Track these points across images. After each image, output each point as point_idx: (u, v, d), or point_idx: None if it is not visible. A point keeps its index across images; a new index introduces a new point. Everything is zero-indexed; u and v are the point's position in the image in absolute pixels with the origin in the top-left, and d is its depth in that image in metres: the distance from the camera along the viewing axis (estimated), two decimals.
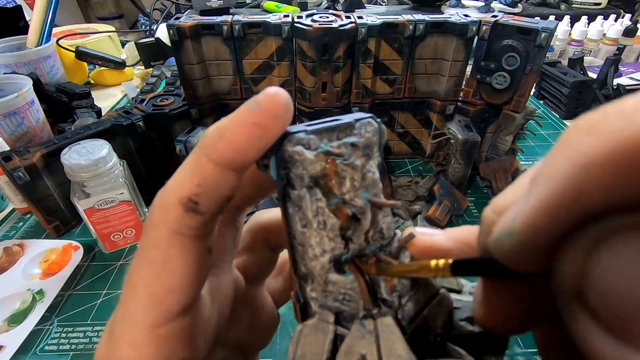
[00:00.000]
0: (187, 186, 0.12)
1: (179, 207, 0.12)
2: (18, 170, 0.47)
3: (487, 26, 0.51)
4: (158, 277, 0.13)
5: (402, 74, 0.58)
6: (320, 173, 0.13)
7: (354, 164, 0.13)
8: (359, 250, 0.14)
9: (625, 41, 1.02)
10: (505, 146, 0.59)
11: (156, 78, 0.85)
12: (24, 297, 0.45)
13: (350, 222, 0.13)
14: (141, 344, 0.13)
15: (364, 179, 0.14)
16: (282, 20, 0.52)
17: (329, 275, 0.14)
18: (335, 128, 0.13)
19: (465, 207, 0.56)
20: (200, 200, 0.12)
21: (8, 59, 0.76)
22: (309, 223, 0.13)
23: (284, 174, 0.13)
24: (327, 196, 0.13)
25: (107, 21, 1.35)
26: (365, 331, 0.13)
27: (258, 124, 0.12)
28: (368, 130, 0.14)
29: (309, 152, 0.13)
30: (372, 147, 0.14)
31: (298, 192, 0.13)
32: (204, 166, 0.12)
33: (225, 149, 0.12)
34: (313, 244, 0.13)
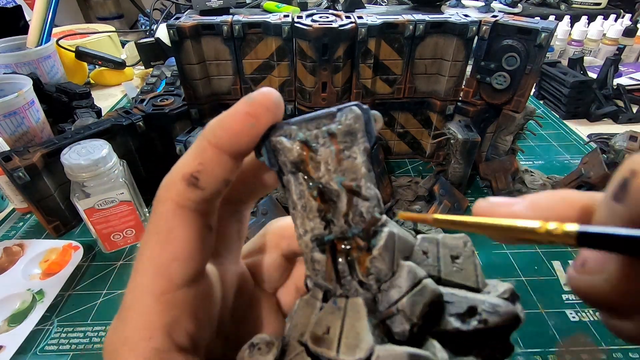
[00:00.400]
0: (190, 164, 0.14)
1: (182, 182, 0.14)
2: (18, 170, 0.47)
3: (487, 26, 0.51)
4: (162, 246, 0.14)
5: (402, 74, 0.58)
6: (298, 159, 0.14)
7: (328, 149, 0.14)
8: (342, 232, 0.15)
9: (625, 41, 1.02)
10: (505, 146, 0.59)
11: (156, 78, 0.85)
12: (24, 297, 0.45)
13: (327, 204, 0.15)
14: (148, 311, 0.14)
15: (340, 163, 0.14)
16: (282, 20, 0.52)
17: (313, 254, 0.15)
18: (315, 118, 0.15)
19: (465, 207, 0.56)
20: (200, 177, 0.14)
21: (8, 59, 0.76)
22: (295, 205, 0.15)
23: (274, 161, 0.15)
24: (307, 180, 0.15)
25: (107, 21, 1.35)
26: (336, 308, 0.14)
27: (251, 114, 0.14)
28: (349, 117, 0.14)
29: (287, 141, 0.14)
30: (355, 133, 0.14)
31: (286, 177, 0.15)
32: (205, 148, 0.14)
33: (222, 134, 0.14)
34: (298, 224, 0.15)
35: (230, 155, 0.14)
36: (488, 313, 0.13)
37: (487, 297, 0.14)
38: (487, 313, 0.13)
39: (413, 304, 0.13)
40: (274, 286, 0.21)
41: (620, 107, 0.81)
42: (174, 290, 0.14)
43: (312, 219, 0.15)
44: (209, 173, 0.14)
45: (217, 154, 0.14)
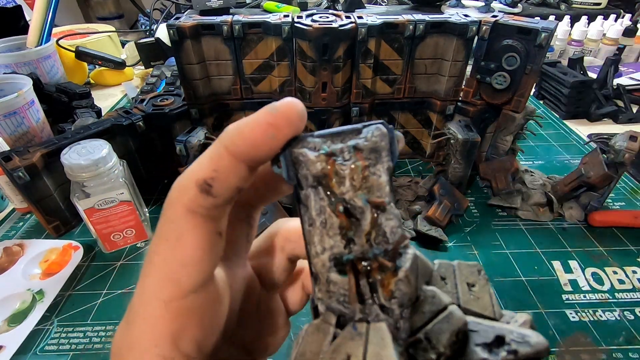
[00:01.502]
0: (204, 170, 0.14)
1: (195, 187, 0.14)
2: (18, 170, 0.47)
3: (487, 26, 0.51)
4: (172, 252, 0.14)
5: (402, 74, 0.58)
6: (321, 173, 0.14)
7: (354, 164, 0.14)
8: (362, 252, 0.14)
9: (625, 41, 1.02)
10: (505, 146, 0.59)
11: (156, 78, 0.85)
12: (24, 297, 0.45)
13: (349, 221, 0.14)
14: (155, 318, 0.13)
15: (366, 180, 0.14)
16: (282, 20, 0.52)
17: (330, 275, 0.14)
18: (341, 133, 0.14)
19: (465, 207, 0.56)
20: (214, 184, 0.14)
21: (8, 59, 0.77)
22: (313, 221, 0.14)
23: (293, 174, 0.14)
24: (329, 196, 0.14)
25: (107, 21, 1.35)
26: (356, 333, 0.13)
27: (273, 125, 0.13)
28: (375, 134, 0.14)
29: (311, 153, 0.14)
30: (380, 151, 0.14)
31: (305, 192, 0.14)
32: (222, 155, 0.14)
33: (241, 142, 0.14)
34: (315, 242, 0.14)
35: (248, 164, 0.14)
36: (517, 343, 0.12)
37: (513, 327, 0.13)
38: (516, 343, 0.12)
39: (439, 332, 0.13)
40: (278, 287, 0.20)
41: (620, 107, 0.81)
42: (182, 297, 0.14)
43: (332, 236, 0.14)
44: (223, 181, 0.14)
45: (233, 163, 0.14)
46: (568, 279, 0.47)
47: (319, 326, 0.14)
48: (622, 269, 0.48)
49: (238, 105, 0.61)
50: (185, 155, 0.50)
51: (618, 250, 0.51)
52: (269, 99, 0.61)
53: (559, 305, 0.45)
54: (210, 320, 0.15)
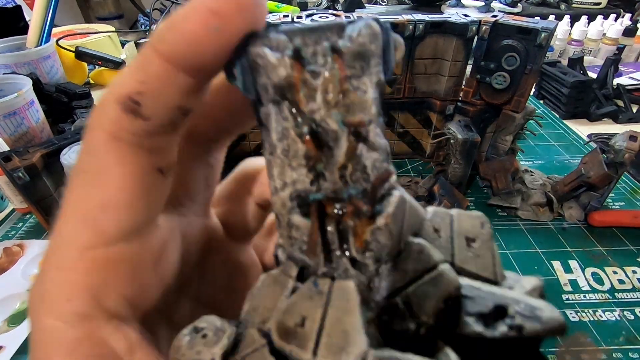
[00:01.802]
0: (128, 82, 0.10)
1: (116, 106, 0.10)
2: (18, 170, 0.47)
3: (487, 26, 0.51)
4: (90, 190, 0.11)
5: (402, 74, 0.58)
6: (285, 82, 0.10)
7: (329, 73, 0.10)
8: (334, 191, 0.10)
9: (625, 41, 1.02)
10: (505, 146, 0.59)
11: None
12: (24, 298, 0.45)
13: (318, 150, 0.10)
14: (69, 267, 0.11)
15: (345, 95, 0.10)
16: (281, 20, 0.52)
17: (292, 217, 0.11)
18: (318, 29, 0.10)
19: (465, 207, 0.56)
20: (142, 101, 0.10)
21: (8, 59, 0.76)
22: (273, 149, 0.11)
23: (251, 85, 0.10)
24: (294, 114, 0.10)
25: (107, 21, 1.35)
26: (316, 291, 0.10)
27: (216, 12, 0.09)
28: (363, 34, 0.10)
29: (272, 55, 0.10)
30: (368, 57, 0.10)
31: (265, 109, 0.11)
32: (150, 60, 0.10)
33: (175, 39, 0.10)
34: (275, 174, 0.11)
35: (188, 72, 0.10)
36: (524, 317, 0.10)
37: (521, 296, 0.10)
38: (522, 317, 0.10)
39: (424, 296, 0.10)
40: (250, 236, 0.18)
41: (620, 107, 0.81)
42: (104, 245, 0.11)
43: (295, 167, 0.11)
44: (155, 96, 0.10)
45: (167, 69, 0.10)
46: (568, 279, 0.47)
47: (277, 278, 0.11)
48: (622, 268, 0.48)
49: None
50: None
51: (618, 250, 0.51)
52: None
53: (559, 305, 0.45)
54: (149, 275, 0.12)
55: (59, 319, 0.10)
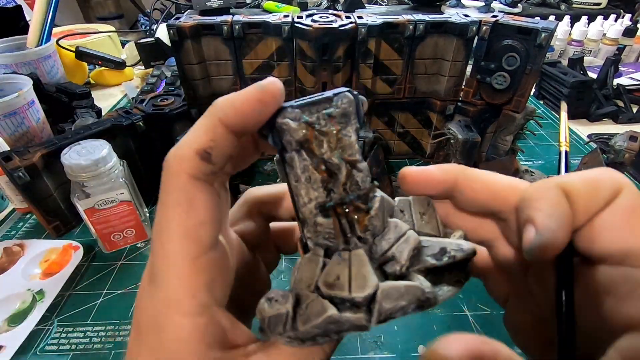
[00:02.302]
0: (203, 140, 0.15)
1: (196, 156, 0.15)
2: (18, 170, 0.47)
3: (487, 26, 0.51)
4: (187, 214, 0.15)
5: (402, 74, 0.58)
6: (303, 138, 0.16)
7: (328, 130, 0.17)
8: (340, 199, 0.17)
9: (625, 41, 1.02)
10: (505, 146, 0.59)
11: (156, 78, 0.85)
12: (24, 297, 0.45)
13: (329, 176, 0.17)
14: (186, 275, 0.15)
15: (340, 141, 0.17)
16: (282, 20, 0.52)
17: (316, 219, 0.17)
18: (316, 102, 0.17)
19: None
20: (213, 152, 0.15)
21: (8, 59, 0.77)
22: (299, 178, 0.17)
23: (278, 140, 0.16)
24: (310, 156, 0.17)
25: (107, 21, 1.35)
26: (341, 259, 0.16)
27: (262, 101, 0.15)
28: (344, 102, 0.17)
29: (293, 123, 0.16)
30: (349, 115, 0.17)
31: (289, 155, 0.17)
32: (217, 126, 0.15)
33: (234, 115, 0.15)
34: (302, 194, 0.17)
35: (237, 134, 0.16)
36: (455, 251, 0.17)
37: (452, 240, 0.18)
38: (454, 251, 0.17)
39: (401, 250, 0.17)
40: (259, 247, 0.22)
41: (620, 107, 0.81)
42: (205, 253, 0.15)
43: (316, 189, 0.17)
44: (220, 149, 0.15)
45: (226, 132, 0.15)
46: None
47: (311, 258, 0.17)
48: None
49: None
50: None
51: None
52: None
53: None
54: (226, 274, 0.17)
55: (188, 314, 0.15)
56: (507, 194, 0.17)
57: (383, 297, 0.15)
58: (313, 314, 0.15)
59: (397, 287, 0.15)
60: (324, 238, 0.17)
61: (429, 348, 0.14)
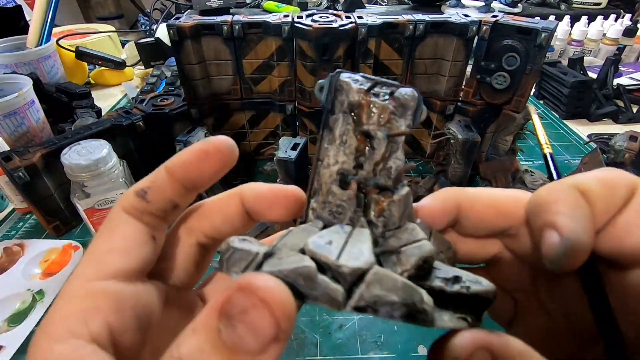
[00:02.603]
0: (144, 182, 0.16)
1: (132, 192, 0.16)
2: (18, 170, 0.47)
3: (487, 26, 0.51)
4: (102, 241, 0.16)
5: (402, 74, 0.58)
6: (356, 102, 0.16)
7: (385, 105, 0.16)
8: (365, 177, 0.16)
9: (625, 41, 1.02)
10: (505, 146, 0.59)
11: (156, 78, 0.85)
12: (24, 297, 0.45)
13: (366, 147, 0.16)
14: (71, 295, 0.14)
15: (390, 122, 0.16)
16: (282, 20, 0.52)
17: (332, 186, 0.16)
18: (383, 82, 0.16)
19: None
20: (148, 191, 0.16)
21: (8, 59, 0.76)
22: (334, 140, 0.16)
23: (330, 99, 0.16)
24: (356, 122, 0.16)
25: (107, 21, 1.35)
26: (342, 230, 0.15)
27: (203, 150, 0.16)
28: (408, 94, 0.16)
29: (354, 84, 0.16)
30: (407, 108, 0.16)
31: (335, 116, 0.16)
32: (160, 172, 0.16)
33: (177, 162, 0.16)
34: (330, 155, 0.16)
35: (181, 183, 0.16)
36: (471, 282, 0.14)
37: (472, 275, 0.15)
38: (470, 282, 0.14)
39: (411, 254, 0.14)
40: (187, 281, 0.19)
41: (620, 107, 0.81)
42: (103, 278, 0.14)
43: (347, 154, 0.16)
44: (156, 190, 0.16)
45: (168, 177, 0.16)
46: None
47: (306, 228, 0.16)
48: None
49: (238, 105, 0.61)
50: None
51: None
52: (269, 99, 0.61)
53: None
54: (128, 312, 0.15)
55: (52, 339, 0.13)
56: (513, 208, 0.16)
57: (374, 280, 0.13)
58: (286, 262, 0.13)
59: (394, 278, 0.13)
60: (330, 212, 0.16)
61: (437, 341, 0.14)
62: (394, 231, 0.16)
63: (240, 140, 0.66)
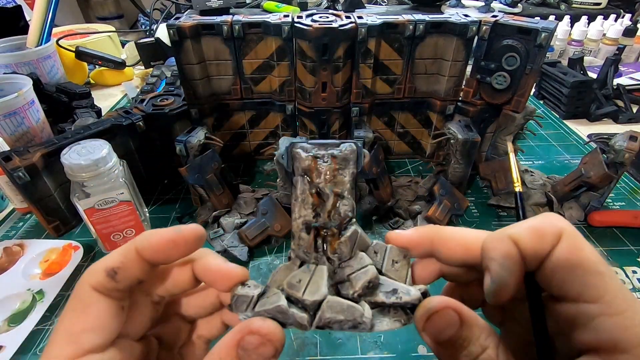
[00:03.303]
0: (115, 260, 0.18)
1: (103, 272, 0.18)
2: (18, 170, 0.47)
3: (487, 26, 0.51)
4: (76, 320, 0.17)
5: (402, 74, 0.58)
6: (307, 167, 0.21)
7: (328, 166, 0.21)
8: (323, 223, 0.21)
9: (625, 41, 1.02)
10: (505, 146, 0.59)
11: (156, 78, 0.85)
12: (24, 297, 0.45)
13: (318, 201, 0.21)
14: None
15: (335, 177, 0.21)
16: (282, 20, 0.52)
17: (301, 233, 0.21)
18: (327, 144, 0.21)
19: (465, 207, 0.56)
20: (119, 272, 0.18)
21: (8, 59, 0.76)
22: (297, 198, 0.21)
23: (290, 164, 0.21)
24: (309, 182, 0.21)
25: (107, 21, 1.35)
26: (308, 269, 0.20)
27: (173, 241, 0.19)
28: (348, 149, 0.21)
29: (303, 153, 0.21)
30: (349, 161, 0.21)
31: (296, 178, 0.21)
32: (130, 250, 0.19)
33: (147, 247, 0.18)
34: (296, 211, 0.21)
35: (148, 262, 0.19)
36: (404, 293, 0.20)
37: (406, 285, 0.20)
38: (403, 294, 0.20)
39: (358, 278, 0.20)
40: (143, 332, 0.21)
41: (620, 107, 0.81)
42: (80, 356, 0.17)
43: (306, 209, 0.21)
44: (126, 270, 0.18)
45: (137, 259, 0.18)
46: None
47: (288, 266, 0.21)
48: (622, 269, 0.48)
49: (238, 105, 0.61)
50: (185, 155, 0.50)
51: (618, 250, 0.51)
52: (269, 99, 0.61)
53: None
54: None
55: None
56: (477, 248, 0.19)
57: (327, 307, 0.19)
58: (269, 302, 0.19)
59: (340, 303, 0.19)
60: (303, 252, 0.21)
61: None
62: (348, 261, 0.21)
63: (240, 140, 0.66)
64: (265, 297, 0.20)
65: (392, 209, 0.56)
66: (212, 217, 0.53)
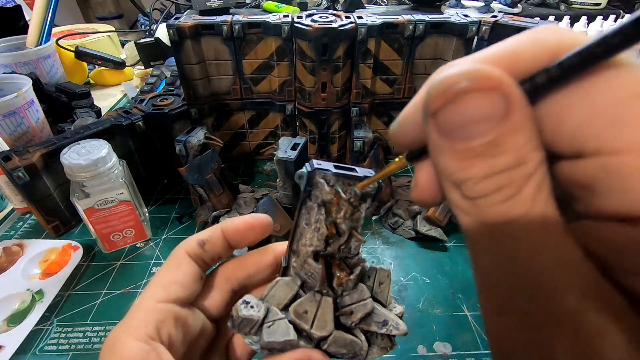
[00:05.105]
0: (205, 234, 0.23)
1: (195, 241, 0.23)
2: (18, 170, 0.47)
3: (486, 26, 0.51)
4: (170, 274, 0.22)
5: (402, 74, 0.58)
6: (328, 200, 0.20)
7: (351, 204, 0.20)
8: (332, 253, 0.21)
9: None
10: None
11: (156, 78, 0.85)
12: (23, 297, 0.45)
13: (334, 235, 0.21)
14: (148, 309, 0.20)
15: (353, 214, 0.21)
16: (282, 20, 0.52)
17: (308, 259, 0.21)
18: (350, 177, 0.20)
19: None
20: (206, 243, 0.23)
21: (8, 59, 0.76)
22: (310, 224, 0.21)
23: (308, 190, 0.20)
24: (327, 214, 0.21)
25: (107, 21, 1.35)
26: (314, 299, 0.21)
27: (251, 224, 0.23)
28: (371, 186, 0.20)
29: (327, 186, 0.20)
30: (368, 197, 0.21)
31: (311, 204, 0.21)
32: (216, 230, 0.23)
33: (231, 226, 0.23)
34: (307, 237, 0.21)
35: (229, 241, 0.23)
36: (393, 326, 0.22)
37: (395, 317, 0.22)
38: (393, 327, 0.22)
39: (358, 310, 0.21)
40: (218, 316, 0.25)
41: None
42: (168, 301, 0.21)
43: (319, 239, 0.21)
44: (211, 243, 0.23)
45: (221, 236, 0.23)
46: None
47: (288, 283, 0.22)
48: None
49: (238, 105, 0.61)
50: (184, 155, 0.50)
51: None
52: (269, 99, 0.61)
53: None
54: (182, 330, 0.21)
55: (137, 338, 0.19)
56: None
57: (332, 341, 0.20)
58: (278, 333, 0.20)
59: (344, 338, 0.21)
60: (306, 274, 0.22)
61: None
62: (350, 292, 0.22)
63: (240, 140, 0.66)
64: (269, 319, 0.20)
65: (392, 209, 0.56)
66: (211, 217, 0.53)
